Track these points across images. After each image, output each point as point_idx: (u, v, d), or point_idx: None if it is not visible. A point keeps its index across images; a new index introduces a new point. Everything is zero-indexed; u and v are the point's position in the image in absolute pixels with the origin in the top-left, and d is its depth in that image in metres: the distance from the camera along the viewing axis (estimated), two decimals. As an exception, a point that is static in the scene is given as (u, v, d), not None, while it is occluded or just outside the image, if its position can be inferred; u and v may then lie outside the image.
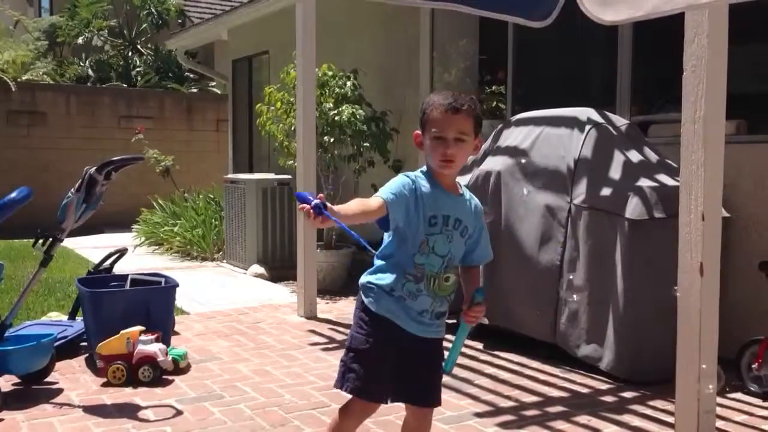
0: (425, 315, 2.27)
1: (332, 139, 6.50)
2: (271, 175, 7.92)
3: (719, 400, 3.34)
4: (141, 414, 3.49)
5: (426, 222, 2.19)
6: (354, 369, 2.26)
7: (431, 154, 2.21)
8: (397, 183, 2.18)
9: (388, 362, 2.27)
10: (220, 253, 8.53)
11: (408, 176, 2.21)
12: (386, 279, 2.25)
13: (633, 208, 3.91)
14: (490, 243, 2.42)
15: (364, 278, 2.32)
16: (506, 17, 2.26)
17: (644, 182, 4.02)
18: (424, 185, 2.21)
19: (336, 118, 6.44)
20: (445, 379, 3.94)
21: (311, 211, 1.91)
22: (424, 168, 2.28)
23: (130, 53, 15.81)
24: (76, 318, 4.79)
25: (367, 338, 2.27)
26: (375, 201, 2.11)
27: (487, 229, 2.39)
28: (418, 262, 2.21)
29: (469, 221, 2.28)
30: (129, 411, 3.53)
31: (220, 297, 6.41)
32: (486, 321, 4.67)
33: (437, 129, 2.18)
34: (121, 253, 5.04)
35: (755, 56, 4.58)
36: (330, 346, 4.78)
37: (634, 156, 4.26)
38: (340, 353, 4.66)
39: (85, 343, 4.49)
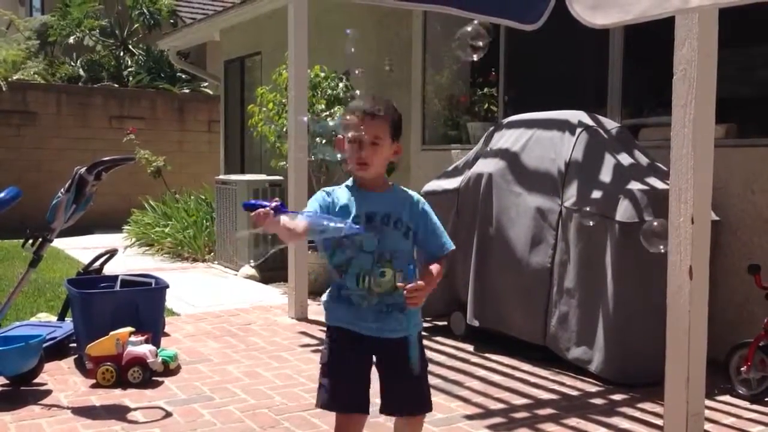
0: (371, 312, 2.25)
1: (324, 141, 6.49)
2: (263, 176, 7.91)
3: (708, 402, 3.36)
4: (130, 416, 3.48)
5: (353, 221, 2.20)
6: (323, 384, 2.32)
7: (349, 156, 2.26)
8: (311, 202, 2.27)
9: (352, 371, 2.27)
10: (212, 254, 8.51)
11: (325, 190, 2.29)
12: (330, 290, 2.32)
13: (623, 211, 3.92)
14: (481, 245, 2.43)
15: (323, 297, 2.37)
16: (498, 20, 2.27)
17: (634, 185, 4.04)
18: (342, 194, 2.27)
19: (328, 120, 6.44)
20: (436, 381, 3.98)
21: (270, 211, 1.99)
22: (348, 181, 2.33)
23: (121, 53, 15.75)
24: (66, 319, 4.77)
25: (330, 352, 2.32)
26: (301, 224, 2.12)
27: (438, 221, 2.39)
28: (337, 263, 2.25)
29: (402, 213, 2.28)
30: (118, 412, 3.51)
31: (211, 298, 6.39)
32: (477, 323, 4.69)
33: (350, 132, 2.23)
34: (111, 253, 5.02)
35: (745, 60, 4.61)
36: (321, 347, 4.76)
37: (625, 159, 4.28)
38: (331, 355, 4.65)
39: (74, 345, 4.47)
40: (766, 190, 4.09)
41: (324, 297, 2.35)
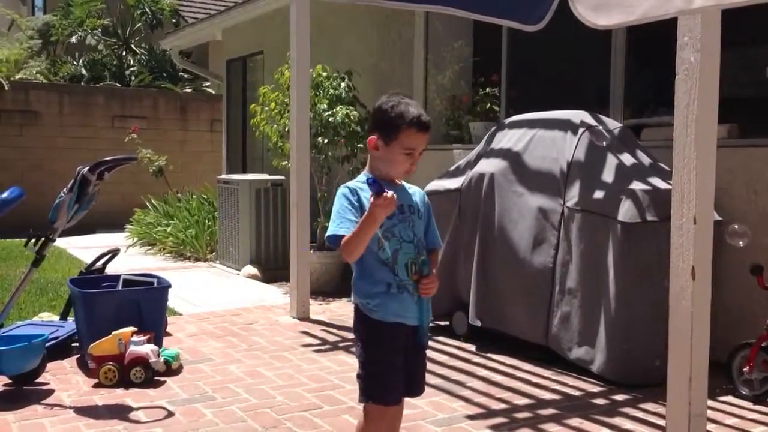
0: (413, 301, 2.32)
1: (326, 140, 6.50)
2: (265, 176, 7.91)
3: (710, 403, 3.36)
4: (132, 415, 3.48)
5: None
6: (375, 378, 2.33)
7: (396, 165, 2.30)
8: (340, 204, 2.27)
9: (400, 363, 2.36)
10: (213, 253, 8.52)
11: (347, 186, 2.31)
12: (374, 288, 2.31)
13: (626, 211, 3.92)
14: (483, 245, 2.46)
15: (358, 299, 2.36)
16: (500, 21, 2.26)
17: (637, 185, 4.03)
18: (366, 189, 2.28)
19: (330, 120, 6.44)
20: (438, 381, 3.99)
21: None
22: (362, 177, 2.34)
23: (123, 53, 15.76)
24: (68, 318, 4.78)
25: (380, 347, 2.33)
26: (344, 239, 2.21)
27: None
28: (384, 257, 2.28)
29: (418, 204, 2.40)
30: (120, 412, 3.52)
31: (213, 298, 6.40)
32: (479, 323, 4.69)
33: (412, 147, 2.28)
34: (114, 253, 5.03)
35: (748, 61, 4.60)
36: (322, 347, 4.78)
37: (627, 159, 4.28)
38: (333, 354, 4.69)
39: (76, 344, 4.48)
40: (769, 191, 4.08)
41: (362, 298, 2.33)
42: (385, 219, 2.21)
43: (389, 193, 2.11)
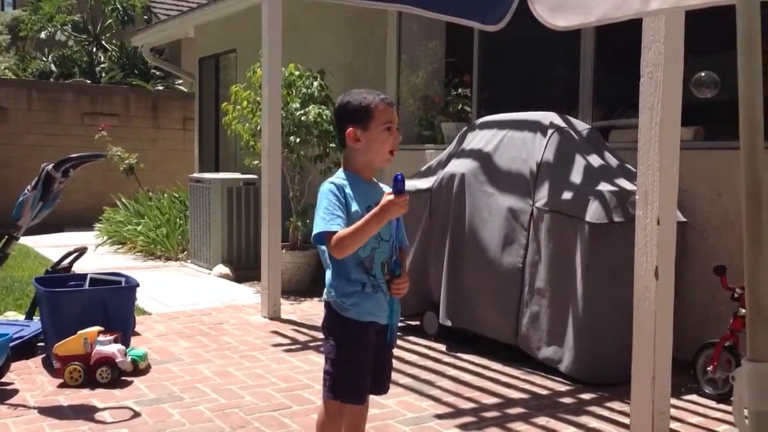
0: (385, 300, 2.35)
1: (298, 140, 6.48)
2: (237, 175, 7.87)
3: (674, 401, 3.41)
4: (98, 416, 3.44)
5: (359, 218, 2.26)
6: (348, 378, 2.35)
7: (381, 146, 2.32)
8: (329, 201, 2.25)
9: (370, 362, 2.38)
10: (185, 252, 8.45)
11: (333, 183, 2.31)
12: (349, 287, 2.31)
13: (593, 212, 3.96)
14: (454, 245, 2.49)
15: (332, 297, 2.36)
16: (460, 20, 2.28)
17: (604, 186, 4.08)
18: (350, 185, 2.31)
19: (302, 119, 6.42)
20: (407, 380, 3.99)
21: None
22: (341, 173, 2.36)
23: (94, 49, 15.57)
24: (34, 318, 4.71)
25: (356, 346, 2.34)
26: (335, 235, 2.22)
27: None
28: (363, 255, 2.30)
29: None
30: (86, 412, 3.47)
31: (183, 297, 6.35)
32: (449, 323, 4.71)
33: (389, 120, 2.32)
34: (81, 252, 4.96)
35: (714, 64, 4.68)
36: (293, 347, 4.76)
37: (595, 160, 4.32)
38: (303, 354, 4.67)
39: (42, 344, 4.42)
40: (732, 193, 4.16)
41: (336, 297, 2.33)
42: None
43: (404, 199, 2.14)
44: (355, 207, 2.27)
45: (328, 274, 2.37)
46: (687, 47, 3.02)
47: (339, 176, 2.35)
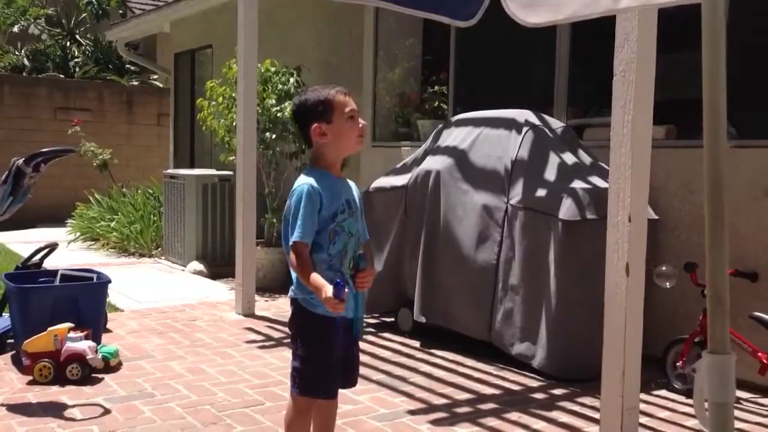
0: (351, 295, 2.35)
1: (274, 136, 6.45)
2: (212, 171, 7.81)
3: (644, 396, 3.45)
4: (67, 413, 3.40)
5: (332, 214, 2.31)
6: (320, 373, 2.37)
7: (349, 133, 2.35)
8: (304, 208, 2.26)
9: (338, 356, 2.40)
10: (159, 249, 8.37)
11: (311, 186, 2.30)
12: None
13: (566, 209, 3.99)
14: (429, 242, 2.52)
15: (299, 294, 2.37)
16: (432, 16, 2.28)
17: (578, 184, 4.11)
18: (322, 184, 2.31)
19: (279, 115, 6.40)
20: (381, 377, 3.99)
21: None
22: (312, 171, 2.37)
23: (68, 43, 15.36)
24: (3, 314, 4.63)
25: (324, 341, 2.36)
26: (305, 250, 2.27)
27: None
28: (333, 251, 2.33)
29: (356, 198, 2.45)
30: (55, 410, 3.43)
31: (157, 294, 6.29)
32: (424, 320, 4.72)
33: (351, 107, 2.35)
34: (52, 247, 4.90)
35: (687, 63, 4.73)
36: (267, 343, 4.74)
37: (569, 158, 4.36)
38: (277, 351, 4.66)
39: (11, 340, 4.35)
40: (703, 191, 4.20)
41: (304, 294, 2.33)
42: (337, 213, 2.31)
43: (342, 305, 2.16)
44: (326, 212, 2.30)
45: (294, 272, 2.37)
46: (661, 46, 3.05)
47: (311, 174, 2.35)
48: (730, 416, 1.44)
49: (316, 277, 2.23)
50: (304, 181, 2.32)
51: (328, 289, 2.17)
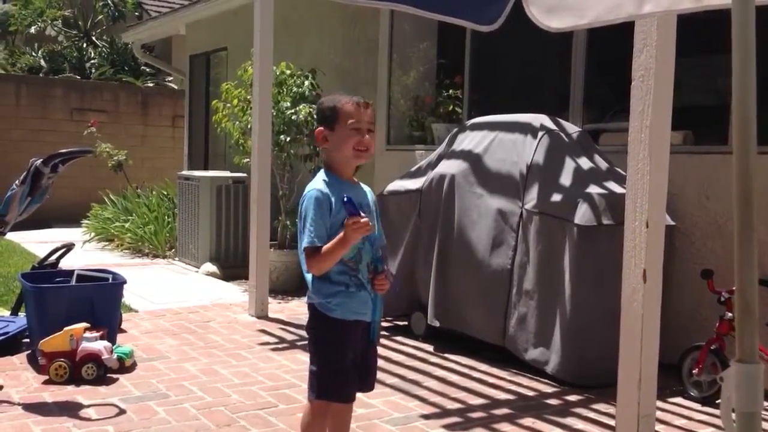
0: (371, 299, 2.38)
1: (289, 139, 6.47)
2: (226, 173, 7.84)
3: (660, 404, 3.42)
4: (83, 413, 3.42)
5: (342, 219, 2.28)
6: (338, 377, 2.36)
7: (346, 144, 2.33)
8: (314, 213, 2.28)
9: (356, 362, 2.40)
10: (173, 250, 8.40)
11: (319, 191, 2.31)
12: (334, 288, 2.33)
13: (582, 215, 3.97)
14: (443, 246, 2.51)
15: (316, 299, 2.38)
16: (454, 20, 2.28)
17: (593, 189, 4.09)
18: (332, 190, 2.32)
19: (293, 118, 6.41)
20: (394, 380, 3.99)
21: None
22: (323, 174, 2.38)
23: (84, 45, 15.48)
24: (19, 314, 4.67)
25: (341, 344, 2.36)
26: (315, 253, 2.27)
27: None
28: (348, 256, 2.32)
29: (371, 202, 2.46)
30: (70, 409, 3.45)
31: (171, 295, 6.32)
32: (437, 324, 4.71)
33: (355, 120, 2.32)
34: (68, 248, 4.93)
35: (705, 69, 4.71)
36: (280, 346, 4.75)
37: (585, 163, 4.34)
38: (290, 353, 4.66)
39: (27, 340, 4.38)
40: (720, 197, 4.18)
41: (321, 298, 2.34)
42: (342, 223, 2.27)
43: (364, 219, 2.17)
44: (336, 217, 2.29)
45: (309, 277, 2.38)
46: (678, 52, 3.03)
47: (321, 178, 2.37)
48: (757, 426, 1.43)
49: (330, 243, 2.24)
50: (312, 186, 2.34)
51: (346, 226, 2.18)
